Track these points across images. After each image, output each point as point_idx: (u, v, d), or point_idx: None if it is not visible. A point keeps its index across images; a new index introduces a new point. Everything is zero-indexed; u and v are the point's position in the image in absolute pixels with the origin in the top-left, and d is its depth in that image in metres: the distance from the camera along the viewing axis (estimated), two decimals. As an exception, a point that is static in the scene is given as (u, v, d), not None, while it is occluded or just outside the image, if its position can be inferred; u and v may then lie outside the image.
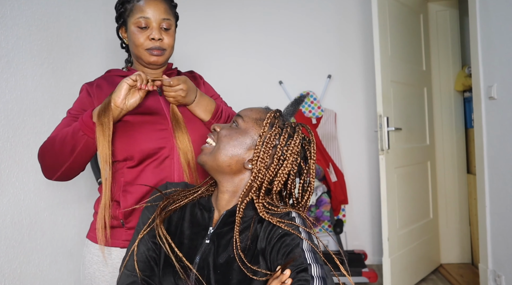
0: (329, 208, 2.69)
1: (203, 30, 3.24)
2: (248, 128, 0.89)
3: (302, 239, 0.76)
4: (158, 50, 1.18)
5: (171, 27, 1.21)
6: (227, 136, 0.89)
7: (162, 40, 1.18)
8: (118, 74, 1.25)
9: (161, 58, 1.20)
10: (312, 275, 0.69)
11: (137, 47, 1.18)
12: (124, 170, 1.15)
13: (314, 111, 3.13)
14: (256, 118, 0.91)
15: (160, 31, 1.18)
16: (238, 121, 0.90)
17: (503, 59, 2.09)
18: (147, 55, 1.18)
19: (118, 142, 1.14)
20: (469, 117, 3.02)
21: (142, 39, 1.17)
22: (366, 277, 2.63)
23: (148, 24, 1.16)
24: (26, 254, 1.58)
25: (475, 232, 2.88)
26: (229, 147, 0.88)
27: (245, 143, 0.88)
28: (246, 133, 0.88)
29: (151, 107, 1.19)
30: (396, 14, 2.58)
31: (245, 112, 0.92)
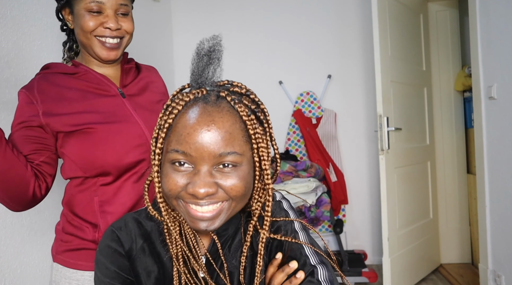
0: (329, 208, 2.69)
1: (203, 30, 3.24)
2: (243, 157, 0.63)
3: (298, 231, 0.71)
4: (115, 43, 1.02)
5: (128, 13, 1.04)
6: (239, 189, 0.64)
7: (120, 29, 1.01)
8: (60, 71, 1.05)
9: (117, 52, 1.03)
10: (318, 279, 0.64)
11: (86, 34, 0.99)
12: (97, 188, 1.01)
13: (314, 111, 3.13)
14: (231, 132, 0.62)
15: (117, 18, 1.01)
16: (233, 161, 0.62)
17: (503, 59, 2.09)
18: (98, 46, 1.01)
19: (87, 155, 0.98)
20: (469, 117, 3.02)
21: (93, 25, 0.98)
22: (366, 277, 2.63)
23: (102, 9, 0.99)
24: (26, 254, 1.58)
25: (475, 232, 2.88)
26: (246, 197, 0.66)
27: (251, 173, 0.66)
28: (243, 161, 0.63)
29: (117, 114, 1.01)
30: (396, 14, 2.58)
31: (213, 138, 0.61)
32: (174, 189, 0.61)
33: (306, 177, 2.73)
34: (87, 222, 1.02)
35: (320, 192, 2.71)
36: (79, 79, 1.04)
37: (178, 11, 3.25)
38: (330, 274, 0.66)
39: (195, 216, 0.62)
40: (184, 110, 0.62)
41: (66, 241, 1.04)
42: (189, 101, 0.63)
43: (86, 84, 1.04)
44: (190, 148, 0.60)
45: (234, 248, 0.72)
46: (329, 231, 3.04)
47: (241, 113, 0.62)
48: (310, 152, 3.02)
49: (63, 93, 1.01)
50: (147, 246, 0.72)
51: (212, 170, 0.61)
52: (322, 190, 2.74)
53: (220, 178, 0.61)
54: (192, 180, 0.60)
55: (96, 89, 1.04)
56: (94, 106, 1.01)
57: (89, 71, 1.05)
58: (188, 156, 0.60)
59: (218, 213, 0.62)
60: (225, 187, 0.61)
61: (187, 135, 0.60)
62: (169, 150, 0.62)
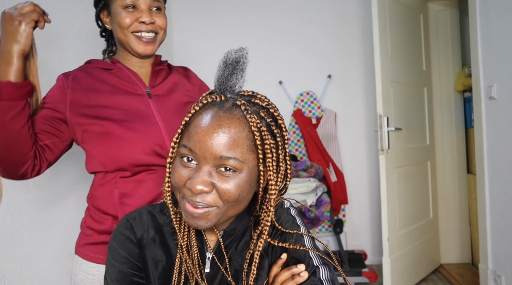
0: (329, 208, 2.69)
1: (202, 31, 3.24)
2: (244, 165, 0.66)
3: (304, 234, 0.73)
4: (150, 37, 1.06)
5: (162, 9, 1.08)
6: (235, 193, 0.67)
7: (154, 23, 1.05)
8: (100, 66, 1.11)
9: (152, 46, 1.07)
10: (320, 278, 0.67)
11: (123, 30, 1.04)
12: (118, 180, 1.04)
13: (314, 111, 3.13)
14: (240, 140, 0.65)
15: (151, 13, 1.05)
16: (233, 166, 0.65)
17: (503, 59, 2.09)
18: (134, 41, 1.05)
19: (104, 150, 1.01)
20: (469, 117, 3.02)
21: (129, 20, 1.02)
22: (366, 277, 2.63)
23: (136, 5, 1.03)
24: (26, 254, 1.58)
25: (475, 232, 2.88)
26: (238, 203, 0.69)
27: (250, 183, 0.68)
28: (243, 169, 0.66)
29: (139, 114, 1.04)
30: (396, 14, 2.58)
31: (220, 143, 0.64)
32: (178, 182, 0.67)
33: (306, 177, 2.73)
34: (107, 214, 1.05)
35: (320, 192, 2.71)
36: (113, 75, 1.09)
37: (178, 12, 3.25)
38: (332, 275, 0.68)
39: (189, 210, 0.66)
40: (200, 111, 0.68)
41: (87, 234, 1.08)
42: (206, 104, 0.69)
43: (118, 81, 1.08)
44: (195, 145, 0.65)
45: (241, 247, 0.75)
46: (329, 231, 3.04)
47: (250, 123, 0.66)
48: (310, 152, 3.02)
49: (94, 86, 1.06)
50: (158, 237, 0.77)
51: (213, 171, 0.65)
52: (322, 190, 2.74)
53: (217, 180, 0.65)
54: (193, 176, 0.65)
55: (125, 86, 1.08)
56: (119, 103, 1.04)
57: (123, 69, 1.10)
58: (193, 153, 0.65)
59: (207, 214, 0.66)
60: (220, 189, 0.65)
61: (195, 134, 0.65)
62: (181, 144, 0.68)
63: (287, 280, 0.68)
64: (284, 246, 0.72)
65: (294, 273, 0.68)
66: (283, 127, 0.71)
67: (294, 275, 0.68)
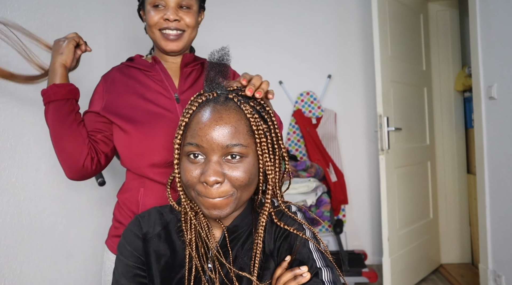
0: (329, 208, 2.69)
1: (202, 29, 3.23)
2: (248, 149, 0.72)
3: (308, 239, 0.75)
4: (175, 34, 1.07)
5: (192, 7, 1.08)
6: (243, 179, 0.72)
7: (179, 21, 1.06)
8: (138, 67, 1.14)
9: (178, 43, 1.09)
10: (322, 280, 0.68)
11: (151, 28, 1.08)
12: (145, 180, 1.08)
13: (314, 111, 3.13)
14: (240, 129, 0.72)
15: (177, 10, 1.06)
16: (240, 152, 0.71)
17: (503, 59, 2.09)
18: (161, 39, 1.08)
19: (125, 150, 1.07)
20: (469, 117, 3.02)
21: (156, 19, 1.06)
22: (366, 277, 2.63)
23: (165, 3, 1.06)
24: (26, 254, 1.58)
25: (475, 232, 2.88)
26: (250, 186, 0.74)
27: (255, 165, 0.74)
28: (249, 153, 0.72)
29: (165, 118, 1.07)
30: (396, 14, 2.58)
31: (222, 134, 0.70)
32: (191, 180, 0.71)
33: (306, 177, 2.73)
34: (131, 211, 1.10)
35: (320, 192, 2.71)
36: (148, 77, 1.13)
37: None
38: (335, 277, 0.70)
39: (207, 204, 0.70)
40: (198, 110, 0.73)
41: (116, 227, 1.14)
42: (202, 102, 0.74)
43: (151, 83, 1.12)
44: (201, 140, 0.69)
45: (247, 246, 0.78)
46: (329, 231, 3.04)
47: (245, 111, 0.72)
48: (310, 152, 3.02)
49: (128, 88, 1.11)
50: (163, 233, 0.81)
51: (221, 161, 0.70)
52: (322, 190, 2.74)
53: (227, 169, 0.70)
54: (204, 170, 0.70)
55: (157, 89, 1.11)
56: (147, 107, 1.08)
57: (159, 71, 1.14)
58: (200, 148, 0.70)
59: (226, 202, 0.71)
60: (231, 177, 0.70)
61: (199, 130, 0.70)
62: (185, 143, 0.72)
63: (289, 281, 0.70)
64: (289, 229, 0.76)
65: (296, 274, 0.70)
66: (271, 112, 0.77)
67: (296, 276, 0.70)
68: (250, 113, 0.72)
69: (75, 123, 1.04)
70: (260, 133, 0.72)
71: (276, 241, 0.77)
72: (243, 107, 0.72)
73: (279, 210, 0.80)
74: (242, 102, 0.73)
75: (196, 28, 1.13)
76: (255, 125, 0.72)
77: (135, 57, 1.18)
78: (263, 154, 0.73)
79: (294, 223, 0.77)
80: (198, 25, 1.18)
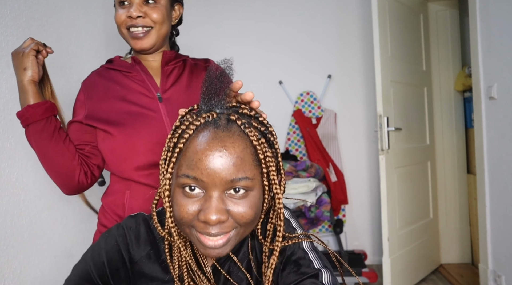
0: (329, 208, 2.69)
1: (202, 30, 3.24)
2: (254, 182, 0.63)
3: (302, 240, 0.71)
4: (142, 32, 1.02)
5: (158, 1, 1.03)
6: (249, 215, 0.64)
7: (144, 17, 1.01)
8: (117, 68, 1.11)
9: (146, 40, 1.03)
10: (323, 282, 0.65)
11: (119, 27, 1.03)
12: (131, 183, 1.06)
13: (314, 111, 3.13)
14: (244, 157, 0.62)
15: (142, 6, 1.01)
16: (245, 186, 0.62)
17: (503, 59, 2.09)
18: (129, 38, 1.04)
19: (109, 154, 1.05)
20: (469, 117, 3.02)
21: (123, 17, 1.01)
22: (366, 277, 2.63)
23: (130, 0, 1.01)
24: (26, 254, 1.58)
25: (475, 232, 2.88)
26: (254, 222, 0.66)
27: (261, 198, 0.66)
28: (254, 186, 0.63)
29: (147, 118, 1.04)
30: (396, 14, 2.58)
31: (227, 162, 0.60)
32: (186, 217, 0.61)
33: (306, 177, 2.73)
34: (116, 215, 1.07)
35: (320, 192, 2.71)
36: (128, 79, 1.09)
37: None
38: (334, 279, 0.67)
39: (207, 245, 0.62)
40: (195, 134, 0.62)
41: (100, 231, 1.11)
42: (200, 125, 0.62)
43: (132, 84, 1.08)
44: (201, 173, 0.59)
45: (240, 259, 0.72)
46: (329, 231, 3.04)
47: (251, 138, 0.62)
48: (310, 152, 3.02)
49: (108, 91, 1.07)
50: (153, 253, 0.73)
51: (224, 196, 0.61)
52: (322, 190, 2.74)
53: (231, 205, 0.61)
54: (204, 207, 0.60)
55: (138, 90, 1.08)
56: (129, 109, 1.05)
57: (139, 71, 1.09)
58: (199, 181, 0.60)
59: (227, 240, 0.63)
60: (235, 214, 0.61)
61: (198, 161, 0.59)
62: (180, 174, 0.61)
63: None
64: (284, 244, 0.69)
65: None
66: (274, 134, 0.68)
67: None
68: (257, 139, 0.62)
69: (60, 141, 1.01)
70: (268, 161, 0.63)
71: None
72: (249, 132, 0.62)
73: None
74: (247, 126, 0.63)
75: (166, 23, 1.06)
76: (262, 154, 0.63)
77: (114, 59, 1.14)
78: (271, 184, 0.64)
79: (289, 233, 0.72)
80: (175, 20, 1.14)
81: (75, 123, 1.08)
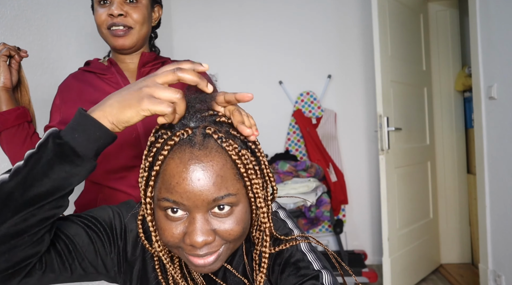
0: (329, 208, 2.69)
1: (202, 29, 3.24)
2: (239, 196, 0.61)
3: (300, 241, 0.69)
4: (122, 30, 1.00)
5: (139, 1, 1.01)
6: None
7: (125, 16, 0.99)
8: (93, 71, 1.08)
9: (127, 39, 1.02)
10: (323, 283, 0.64)
11: (99, 27, 1.02)
12: (104, 187, 1.04)
13: (314, 111, 3.13)
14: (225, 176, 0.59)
15: (123, 5, 0.99)
16: (229, 203, 0.60)
17: (503, 59, 2.09)
18: (109, 37, 1.01)
19: None
20: (469, 117, 3.02)
21: (103, 17, 1.00)
22: (366, 277, 2.63)
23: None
24: (26, 254, 1.58)
25: (475, 232, 2.88)
26: (243, 236, 0.64)
27: (248, 211, 0.64)
28: (239, 200, 0.61)
29: None
30: (396, 14, 2.58)
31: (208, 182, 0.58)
32: (172, 241, 0.60)
33: (306, 177, 2.73)
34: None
35: (320, 192, 2.71)
36: (104, 81, 1.07)
37: (178, 10, 3.25)
38: (334, 280, 0.66)
39: (197, 264, 0.61)
40: (170, 155, 0.59)
41: None
42: (174, 144, 0.59)
43: (107, 87, 1.06)
44: (181, 197, 0.57)
45: (235, 265, 0.71)
46: (329, 231, 3.04)
47: (229, 152, 0.59)
48: (310, 152, 3.02)
49: (83, 95, 1.05)
50: (142, 269, 0.72)
51: (208, 216, 0.59)
52: (322, 190, 2.74)
53: (217, 224, 0.60)
54: (189, 230, 0.58)
55: (112, 90, 1.04)
56: None
57: (115, 74, 1.07)
58: (180, 205, 0.58)
59: (217, 256, 0.61)
60: (222, 232, 0.59)
61: (176, 185, 0.57)
62: (160, 197, 0.59)
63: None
64: (282, 247, 0.68)
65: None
66: (256, 141, 0.65)
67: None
68: (236, 154, 0.59)
69: (32, 147, 1.01)
70: (250, 174, 0.60)
71: None
72: (226, 146, 0.59)
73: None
74: (224, 140, 0.59)
75: (146, 24, 1.05)
76: (243, 168, 0.59)
77: (92, 61, 1.12)
78: (255, 197, 0.62)
79: (281, 229, 0.71)
80: (155, 22, 1.12)
81: (50, 128, 1.07)
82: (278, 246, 0.68)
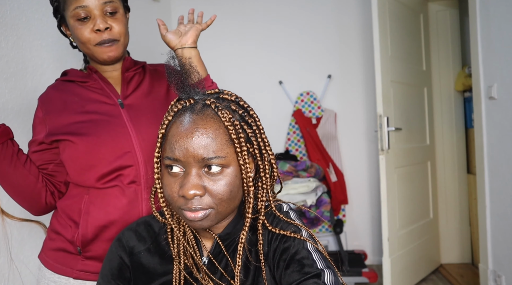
0: (329, 208, 2.69)
1: (203, 30, 3.24)
2: (228, 160, 0.68)
3: (306, 239, 0.72)
4: (110, 43, 1.00)
5: (117, 10, 1.00)
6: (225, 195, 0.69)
7: (110, 29, 0.99)
8: (73, 80, 1.07)
9: (115, 52, 1.01)
10: (325, 282, 0.66)
11: (85, 45, 1.00)
12: (90, 189, 1.01)
13: (314, 111, 3.13)
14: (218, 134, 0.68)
15: (105, 18, 0.98)
16: (219, 164, 0.67)
17: (503, 59, 2.09)
18: (99, 52, 1.00)
19: (70, 164, 1.01)
20: (469, 117, 3.02)
21: (87, 33, 0.97)
22: (366, 277, 2.63)
23: (89, 13, 0.96)
24: (26, 254, 1.58)
25: (475, 232, 2.88)
26: (232, 200, 0.70)
27: (238, 176, 0.70)
28: (230, 163, 0.68)
29: (110, 125, 1.00)
30: (396, 14, 2.58)
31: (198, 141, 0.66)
32: (171, 194, 0.68)
33: (306, 177, 2.73)
34: (71, 219, 1.02)
35: (320, 192, 2.71)
36: (86, 89, 1.06)
37: (178, 11, 3.25)
38: (337, 279, 0.68)
39: (188, 217, 0.67)
40: (174, 120, 0.69)
41: (51, 238, 1.06)
42: (178, 111, 0.70)
43: (91, 94, 1.05)
44: (178, 153, 0.66)
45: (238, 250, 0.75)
46: (329, 231, 3.04)
47: (223, 118, 0.67)
48: (310, 152, 3.02)
49: (66, 104, 1.04)
50: (153, 247, 0.79)
51: (201, 173, 0.67)
52: (322, 190, 2.74)
53: (207, 182, 0.67)
54: (183, 183, 0.67)
55: (98, 98, 1.05)
56: (90, 118, 1.01)
57: (97, 79, 1.07)
58: (178, 161, 0.67)
59: (205, 215, 0.68)
60: (212, 191, 0.67)
61: (175, 143, 0.67)
62: (164, 156, 0.69)
63: None
64: (285, 233, 0.72)
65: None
66: (256, 116, 0.73)
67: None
68: (229, 120, 0.67)
69: (20, 165, 0.98)
70: (240, 142, 0.68)
71: (271, 243, 0.74)
72: (221, 114, 0.67)
73: (272, 213, 0.76)
74: (220, 109, 0.68)
75: (128, 33, 1.04)
76: (234, 134, 0.67)
77: (69, 71, 1.11)
78: (244, 163, 0.68)
79: (289, 226, 0.74)
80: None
81: (35, 142, 1.04)
82: (282, 238, 0.72)
